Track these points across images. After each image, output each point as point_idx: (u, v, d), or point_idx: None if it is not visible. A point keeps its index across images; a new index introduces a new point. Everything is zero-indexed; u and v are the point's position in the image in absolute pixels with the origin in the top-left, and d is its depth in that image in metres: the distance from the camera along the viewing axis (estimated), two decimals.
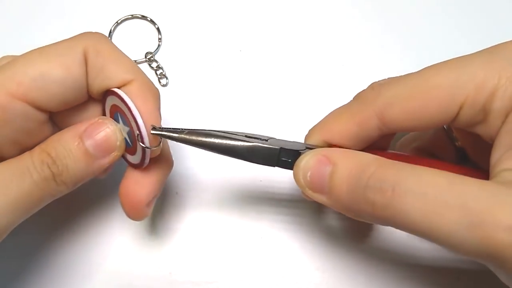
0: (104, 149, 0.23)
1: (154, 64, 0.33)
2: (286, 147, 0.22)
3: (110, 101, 0.23)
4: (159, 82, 0.33)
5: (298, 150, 0.22)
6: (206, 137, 0.22)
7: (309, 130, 0.24)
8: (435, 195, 0.17)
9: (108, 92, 0.23)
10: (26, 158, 0.21)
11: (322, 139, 0.23)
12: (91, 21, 0.35)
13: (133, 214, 0.24)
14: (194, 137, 0.22)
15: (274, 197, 0.30)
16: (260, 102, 0.33)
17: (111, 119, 0.23)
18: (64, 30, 0.25)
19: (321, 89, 0.33)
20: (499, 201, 0.17)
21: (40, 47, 0.22)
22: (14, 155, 0.22)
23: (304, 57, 0.34)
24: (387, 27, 0.36)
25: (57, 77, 0.21)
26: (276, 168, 0.23)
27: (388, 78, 0.23)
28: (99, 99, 0.24)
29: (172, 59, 0.34)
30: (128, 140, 0.23)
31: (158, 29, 0.35)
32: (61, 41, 0.23)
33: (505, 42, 0.20)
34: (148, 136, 0.22)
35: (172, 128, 0.22)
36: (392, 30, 0.35)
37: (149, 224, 0.29)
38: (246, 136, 0.23)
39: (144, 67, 0.33)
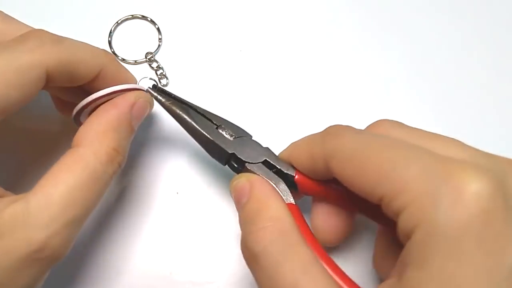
0: (142, 119, 0.26)
1: (154, 64, 0.33)
2: (238, 155, 0.25)
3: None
4: (159, 82, 0.33)
5: (245, 162, 0.25)
6: (182, 111, 0.25)
7: (287, 146, 0.25)
8: (276, 286, 0.18)
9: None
10: (94, 163, 0.22)
11: (287, 158, 0.25)
12: (92, 21, 0.35)
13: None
14: (173, 107, 0.25)
15: None
16: (260, 101, 0.33)
17: (141, 91, 0.26)
18: (64, 30, 0.25)
19: (321, 89, 0.33)
20: None
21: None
22: None
23: (305, 57, 0.34)
24: (387, 25, 0.36)
25: (13, 101, 0.21)
26: (226, 166, 0.26)
27: (353, 128, 0.22)
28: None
29: (172, 59, 0.34)
30: None
31: (158, 29, 0.34)
32: (17, 51, 0.22)
33: (465, 168, 0.17)
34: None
35: (165, 92, 0.26)
36: (392, 28, 0.35)
37: (149, 224, 0.29)
38: (219, 127, 0.26)
39: (144, 67, 0.33)
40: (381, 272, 0.25)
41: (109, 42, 0.34)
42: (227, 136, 0.25)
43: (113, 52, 0.31)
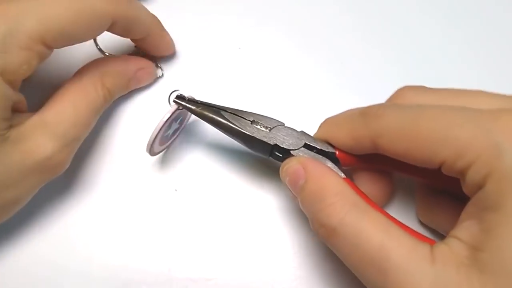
0: (140, 84, 0.32)
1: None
2: (280, 145, 0.25)
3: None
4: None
5: (289, 150, 0.25)
6: (216, 115, 0.26)
7: (320, 124, 0.26)
8: (363, 251, 0.20)
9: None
10: (93, 94, 0.27)
11: (325, 138, 0.25)
12: None
13: None
14: (206, 113, 0.26)
15: (274, 196, 0.30)
16: (259, 100, 0.33)
17: (150, 62, 0.32)
18: None
19: (321, 87, 0.33)
20: (413, 277, 0.18)
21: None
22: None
23: (303, 55, 0.34)
24: (387, 24, 0.36)
25: (79, 37, 0.25)
26: (270, 158, 0.26)
27: (393, 104, 0.23)
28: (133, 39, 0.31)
29: (170, 57, 0.34)
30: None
31: None
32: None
33: (509, 114, 0.19)
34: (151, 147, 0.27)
35: (192, 100, 0.27)
36: (391, 27, 0.35)
37: (148, 220, 0.29)
38: (253, 122, 0.26)
39: None
40: (427, 221, 0.27)
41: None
42: (263, 129, 0.26)
43: (99, 49, 0.33)
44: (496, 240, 0.18)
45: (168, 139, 0.29)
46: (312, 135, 0.26)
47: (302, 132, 0.26)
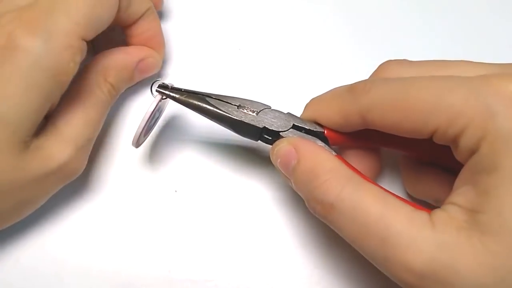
0: (143, 76, 0.31)
1: None
2: (269, 127, 0.25)
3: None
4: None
5: (278, 132, 0.25)
6: (202, 102, 0.26)
7: (306, 104, 0.26)
8: (362, 223, 0.20)
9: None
10: (100, 93, 0.27)
11: (313, 118, 0.25)
12: None
13: None
14: (191, 100, 0.26)
15: (274, 197, 0.30)
16: (259, 99, 0.33)
17: (153, 50, 0.31)
18: None
19: (321, 88, 0.33)
20: (415, 243, 0.18)
21: None
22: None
23: (303, 56, 0.34)
24: (384, 21, 0.36)
25: (106, 20, 0.26)
26: (259, 142, 0.26)
27: (380, 79, 0.23)
28: (127, 24, 0.30)
29: (170, 57, 0.34)
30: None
31: None
32: None
33: (498, 78, 0.19)
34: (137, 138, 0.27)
35: (175, 89, 0.26)
36: (391, 26, 0.36)
37: (147, 222, 0.29)
38: (239, 106, 0.26)
39: None
40: (415, 192, 0.27)
41: None
42: (251, 113, 0.26)
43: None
44: (494, 201, 0.18)
45: (150, 129, 0.29)
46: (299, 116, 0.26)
47: (289, 114, 0.26)
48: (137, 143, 0.27)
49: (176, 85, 0.27)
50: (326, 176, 0.21)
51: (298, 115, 0.26)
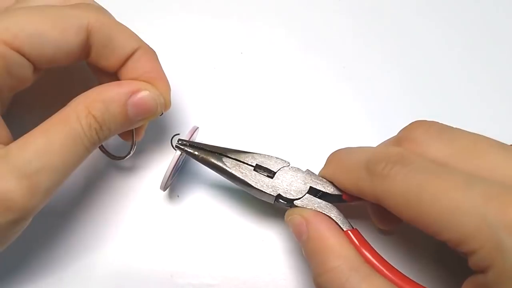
0: (144, 115, 0.25)
1: None
2: (283, 195, 0.25)
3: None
4: None
5: (293, 200, 0.25)
6: (219, 161, 0.26)
7: (327, 159, 0.26)
8: None
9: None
10: (74, 122, 0.23)
11: (331, 180, 0.25)
12: None
13: None
14: (209, 159, 0.26)
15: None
16: (261, 103, 0.33)
17: (151, 85, 0.26)
18: None
19: (322, 90, 0.33)
20: None
21: (44, 6, 0.24)
22: (7, 98, 0.24)
23: (305, 59, 0.34)
24: (390, 31, 0.36)
25: (52, 39, 0.23)
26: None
27: (399, 163, 0.21)
28: (113, 66, 0.26)
29: (173, 61, 0.34)
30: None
31: None
32: (65, 7, 0.24)
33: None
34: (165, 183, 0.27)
35: (194, 145, 0.26)
36: (395, 34, 0.35)
37: (149, 227, 0.29)
38: (256, 167, 0.26)
39: None
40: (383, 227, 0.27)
41: None
42: (267, 179, 0.25)
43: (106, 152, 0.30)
44: None
45: (175, 172, 0.29)
46: (318, 171, 0.26)
47: (308, 172, 0.26)
48: (165, 187, 0.28)
49: (195, 138, 0.27)
50: (332, 264, 0.21)
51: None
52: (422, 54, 0.35)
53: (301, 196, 0.25)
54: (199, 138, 0.31)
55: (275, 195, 0.25)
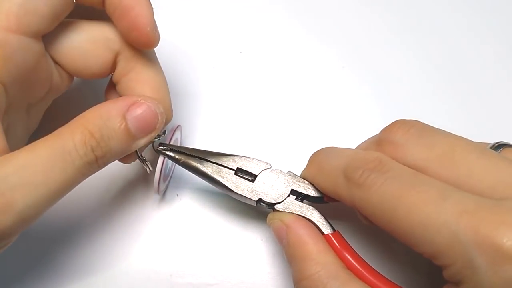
0: (146, 130, 0.23)
1: None
2: (264, 199, 0.25)
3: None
4: None
5: (273, 204, 0.25)
6: (200, 165, 0.26)
7: (309, 160, 0.25)
8: None
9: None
10: (66, 138, 0.21)
11: (312, 182, 0.25)
12: None
13: None
14: (189, 163, 0.26)
15: None
16: (260, 103, 0.33)
17: (152, 98, 0.24)
18: None
19: (321, 91, 0.33)
20: None
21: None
22: (20, 98, 0.23)
23: (305, 59, 0.34)
24: (390, 30, 0.36)
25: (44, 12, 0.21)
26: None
27: (375, 172, 0.21)
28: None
29: (172, 60, 0.34)
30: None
31: None
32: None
33: (487, 226, 0.18)
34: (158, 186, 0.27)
35: (175, 150, 0.26)
36: (398, 34, 0.35)
37: (149, 227, 0.29)
38: (237, 170, 0.25)
39: None
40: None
41: None
42: (248, 182, 0.25)
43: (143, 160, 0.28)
44: None
45: (167, 176, 0.29)
46: (300, 169, 0.26)
47: (289, 174, 0.25)
48: (159, 190, 0.27)
49: (178, 137, 0.26)
50: (310, 271, 0.22)
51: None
52: (418, 54, 0.35)
53: (282, 199, 0.25)
54: (193, 136, 0.31)
55: (256, 199, 0.25)
